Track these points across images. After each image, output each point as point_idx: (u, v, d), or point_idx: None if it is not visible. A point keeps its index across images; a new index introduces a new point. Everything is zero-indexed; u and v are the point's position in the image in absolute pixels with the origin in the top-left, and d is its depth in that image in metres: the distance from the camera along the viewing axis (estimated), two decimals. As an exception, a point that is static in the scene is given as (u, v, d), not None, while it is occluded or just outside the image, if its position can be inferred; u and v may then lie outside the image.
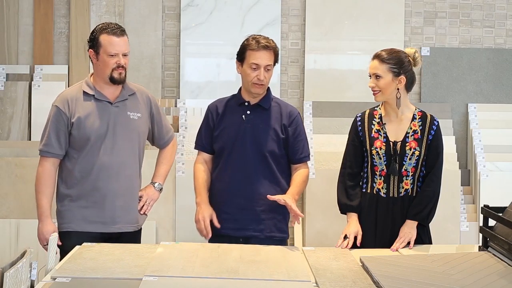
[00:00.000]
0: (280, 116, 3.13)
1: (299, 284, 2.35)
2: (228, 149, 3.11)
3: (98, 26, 3.09)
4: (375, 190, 3.04)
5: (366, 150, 3.05)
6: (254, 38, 3.07)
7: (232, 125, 3.11)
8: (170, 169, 3.39)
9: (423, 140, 3.00)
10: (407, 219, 2.98)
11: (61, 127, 3.03)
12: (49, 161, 3.05)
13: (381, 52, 3.01)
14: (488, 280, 2.34)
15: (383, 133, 3.03)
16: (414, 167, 2.99)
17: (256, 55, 3.03)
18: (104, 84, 3.08)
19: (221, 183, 3.13)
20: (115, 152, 3.05)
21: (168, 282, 2.32)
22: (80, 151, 3.04)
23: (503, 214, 2.68)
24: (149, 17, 5.19)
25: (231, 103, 3.17)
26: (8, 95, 4.96)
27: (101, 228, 3.05)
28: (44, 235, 3.02)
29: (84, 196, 3.04)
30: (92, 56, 3.08)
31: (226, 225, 3.08)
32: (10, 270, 2.04)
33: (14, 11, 5.13)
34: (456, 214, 4.65)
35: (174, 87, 5.23)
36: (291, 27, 5.24)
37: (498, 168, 4.80)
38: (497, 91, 5.21)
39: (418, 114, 3.04)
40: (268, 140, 3.09)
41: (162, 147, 3.34)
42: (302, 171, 3.16)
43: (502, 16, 5.29)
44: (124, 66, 3.05)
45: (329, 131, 4.96)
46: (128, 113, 3.10)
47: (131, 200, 3.13)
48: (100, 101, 3.06)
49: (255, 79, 3.03)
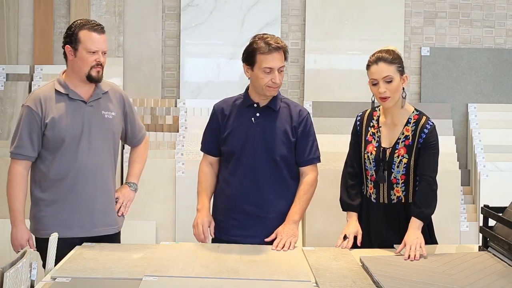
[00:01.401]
0: (290, 117, 3.00)
1: (299, 284, 2.35)
2: (238, 153, 2.98)
3: (76, 21, 2.96)
4: (368, 194, 3.02)
5: (361, 152, 3.02)
6: (263, 39, 2.91)
7: (241, 128, 2.99)
8: (143, 168, 3.27)
9: (413, 146, 2.90)
10: (413, 216, 2.84)
11: (34, 128, 2.90)
12: (21, 163, 2.92)
13: (382, 54, 2.90)
14: (488, 280, 2.34)
15: (376, 137, 2.97)
16: (404, 175, 2.91)
17: (268, 59, 2.88)
18: (79, 82, 2.95)
19: (230, 187, 3.01)
20: (91, 153, 2.94)
21: (168, 282, 2.32)
22: (54, 153, 2.92)
23: (503, 214, 2.68)
24: (149, 17, 5.19)
25: (238, 104, 3.04)
26: (8, 95, 4.96)
27: (81, 232, 2.93)
28: (18, 241, 2.91)
29: (61, 199, 2.92)
30: (69, 53, 2.93)
31: (234, 232, 2.98)
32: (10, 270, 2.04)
33: (14, 11, 5.13)
34: (456, 214, 4.65)
35: (174, 87, 5.23)
36: (291, 27, 5.24)
37: (498, 168, 4.80)
38: (497, 91, 5.21)
39: (414, 118, 2.93)
40: (279, 143, 2.97)
41: (135, 145, 3.24)
42: (307, 179, 3.02)
43: (502, 16, 5.29)
44: (103, 65, 2.95)
45: (329, 131, 4.96)
46: (102, 112, 2.99)
47: (109, 202, 3.02)
48: (74, 101, 2.94)
49: (269, 82, 2.89)
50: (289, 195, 3.01)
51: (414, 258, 2.67)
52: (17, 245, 2.92)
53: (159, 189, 4.70)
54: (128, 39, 5.16)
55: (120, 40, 5.14)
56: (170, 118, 5.01)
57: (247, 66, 2.95)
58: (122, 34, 5.14)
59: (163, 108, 5.04)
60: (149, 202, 4.72)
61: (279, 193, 2.99)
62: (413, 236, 2.77)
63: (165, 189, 4.73)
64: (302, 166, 3.04)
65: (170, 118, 5.01)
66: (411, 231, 2.81)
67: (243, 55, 2.98)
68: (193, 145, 4.73)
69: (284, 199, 3.00)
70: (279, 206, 2.98)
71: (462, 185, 4.78)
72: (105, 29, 3.00)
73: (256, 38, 2.94)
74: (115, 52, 5.12)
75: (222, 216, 3.03)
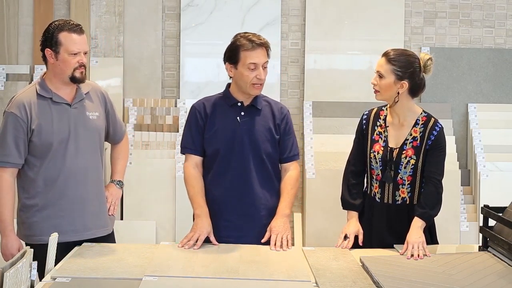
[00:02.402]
0: (272, 115, 3.03)
1: (299, 284, 2.35)
2: (224, 153, 2.97)
3: (53, 23, 2.90)
4: (372, 193, 3.01)
5: (366, 151, 3.01)
6: (244, 37, 2.93)
7: (226, 128, 2.98)
8: (126, 164, 3.23)
9: (421, 148, 2.90)
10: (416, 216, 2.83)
11: (20, 134, 2.83)
12: (8, 171, 2.85)
13: (390, 50, 2.89)
14: (488, 280, 2.34)
15: (383, 137, 2.96)
16: (410, 176, 2.91)
17: (253, 55, 2.90)
18: (61, 85, 2.90)
19: (219, 188, 2.99)
20: (79, 156, 2.90)
21: (168, 282, 2.32)
22: (42, 159, 2.87)
23: (503, 214, 2.68)
24: (149, 17, 5.19)
25: (221, 103, 3.03)
26: (8, 95, 4.95)
27: (74, 237, 2.89)
28: (9, 251, 2.85)
29: (51, 205, 2.88)
30: (49, 56, 2.87)
31: (227, 233, 2.95)
32: (10, 270, 2.04)
33: (14, 11, 5.13)
34: (456, 214, 4.65)
35: (174, 87, 5.23)
36: (291, 27, 5.23)
37: (498, 168, 4.80)
38: (497, 91, 5.21)
39: (422, 119, 2.93)
40: (264, 142, 2.99)
41: (116, 142, 3.20)
42: (291, 174, 3.05)
43: (502, 16, 5.28)
44: (85, 65, 2.91)
45: (329, 131, 4.96)
46: (87, 114, 2.95)
47: (101, 203, 3.00)
48: (58, 104, 2.89)
49: (254, 79, 2.91)
50: (274, 191, 3.04)
51: (418, 257, 2.66)
52: (8, 254, 2.87)
53: (159, 189, 4.70)
54: (128, 39, 5.16)
55: (120, 40, 5.14)
56: (170, 118, 5.01)
57: (230, 64, 2.96)
58: (122, 34, 5.14)
59: (163, 108, 5.04)
60: (149, 202, 4.72)
61: (267, 190, 3.01)
62: (416, 236, 2.76)
63: (165, 189, 4.73)
64: (285, 163, 3.07)
65: (170, 118, 5.01)
66: (414, 230, 2.80)
67: (225, 54, 2.99)
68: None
69: (272, 195, 3.02)
70: (268, 203, 3.00)
71: (462, 185, 4.78)
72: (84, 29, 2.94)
73: (238, 37, 2.96)
74: (115, 52, 5.12)
75: (212, 218, 2.96)
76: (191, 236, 2.84)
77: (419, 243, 2.73)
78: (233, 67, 2.96)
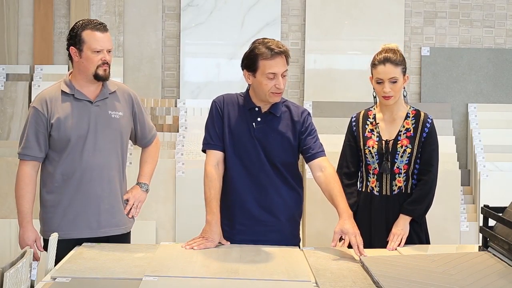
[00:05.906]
0: (292, 121, 2.94)
1: (299, 284, 2.35)
2: (238, 158, 2.91)
3: (78, 22, 2.96)
4: (369, 189, 3.07)
5: (360, 150, 3.08)
6: (263, 44, 2.82)
7: (241, 132, 2.91)
8: (155, 168, 3.26)
9: (415, 138, 3.01)
10: (402, 213, 2.98)
11: (40, 128, 2.91)
12: (29, 164, 2.93)
13: (389, 55, 2.95)
14: (488, 280, 2.34)
15: (376, 132, 3.05)
16: (406, 165, 3.01)
17: (272, 64, 2.78)
18: (85, 83, 2.96)
19: (235, 193, 2.92)
20: (97, 153, 2.93)
21: (168, 282, 2.32)
22: (61, 153, 2.92)
23: (503, 214, 2.68)
24: (149, 17, 5.19)
25: (240, 105, 2.95)
26: (8, 95, 4.96)
27: (88, 233, 2.93)
28: (25, 242, 2.91)
29: (67, 200, 2.93)
30: (74, 54, 2.94)
31: (242, 238, 2.91)
32: (10, 270, 2.04)
33: (14, 11, 5.13)
34: (456, 214, 4.65)
35: (174, 87, 5.23)
36: (291, 27, 5.24)
37: (498, 168, 4.80)
38: (497, 91, 5.21)
39: (412, 113, 3.06)
40: (279, 150, 2.91)
41: (145, 146, 3.22)
42: (331, 172, 2.91)
43: (502, 16, 5.29)
44: (109, 63, 2.95)
45: (329, 131, 4.95)
46: (109, 112, 2.98)
47: (116, 202, 3.00)
48: (80, 101, 2.94)
49: (273, 88, 2.81)
50: (293, 193, 2.98)
51: (392, 248, 2.87)
52: (24, 245, 2.91)
53: (159, 189, 4.69)
54: (128, 39, 5.16)
55: (120, 40, 5.14)
56: (170, 118, 5.01)
57: (249, 72, 2.86)
58: (122, 34, 5.15)
59: (163, 108, 5.04)
60: (149, 202, 4.69)
61: (284, 194, 2.95)
62: (399, 227, 2.95)
63: (165, 189, 4.72)
64: (314, 159, 2.94)
65: (170, 118, 5.01)
66: (400, 221, 2.97)
67: (243, 61, 2.89)
68: (193, 145, 4.73)
69: (289, 198, 2.97)
70: (285, 210, 2.95)
71: (462, 185, 4.78)
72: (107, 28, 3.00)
73: (256, 43, 2.85)
74: (115, 52, 5.12)
75: (229, 222, 2.94)
76: (199, 243, 2.80)
77: (399, 235, 2.92)
78: (251, 75, 2.86)
